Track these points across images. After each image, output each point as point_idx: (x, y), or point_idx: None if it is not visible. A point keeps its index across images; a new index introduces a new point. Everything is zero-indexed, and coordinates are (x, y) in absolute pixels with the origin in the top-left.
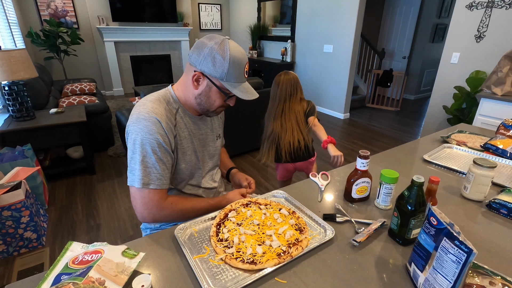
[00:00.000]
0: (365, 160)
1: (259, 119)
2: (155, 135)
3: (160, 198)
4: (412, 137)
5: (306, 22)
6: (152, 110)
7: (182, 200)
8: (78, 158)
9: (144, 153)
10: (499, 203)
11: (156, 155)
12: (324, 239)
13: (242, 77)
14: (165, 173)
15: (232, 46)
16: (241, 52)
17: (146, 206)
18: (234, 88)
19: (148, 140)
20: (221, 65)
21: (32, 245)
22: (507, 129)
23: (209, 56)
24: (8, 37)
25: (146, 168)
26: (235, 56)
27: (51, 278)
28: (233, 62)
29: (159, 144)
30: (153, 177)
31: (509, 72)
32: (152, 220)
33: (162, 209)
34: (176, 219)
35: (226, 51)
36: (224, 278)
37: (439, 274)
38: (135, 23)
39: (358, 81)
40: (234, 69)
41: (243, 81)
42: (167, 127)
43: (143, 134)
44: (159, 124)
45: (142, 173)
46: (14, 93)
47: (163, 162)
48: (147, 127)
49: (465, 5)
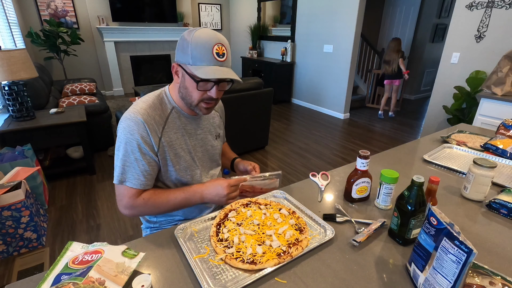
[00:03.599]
0: (365, 160)
1: (259, 119)
2: (136, 136)
3: (133, 196)
4: (412, 137)
5: (306, 22)
6: (139, 111)
7: (156, 195)
8: (78, 158)
9: (124, 152)
10: (499, 203)
11: (134, 155)
12: (324, 239)
13: (211, 59)
14: (143, 173)
15: (201, 30)
16: (209, 34)
17: (121, 202)
18: (198, 69)
19: (129, 140)
20: (186, 48)
21: (32, 245)
22: (507, 129)
23: (179, 45)
24: (8, 37)
25: (125, 166)
26: (199, 37)
27: (51, 278)
28: (196, 43)
29: (138, 145)
30: (130, 176)
31: (509, 72)
32: (129, 214)
33: (135, 205)
34: (153, 213)
35: (191, 35)
36: (224, 278)
37: (439, 274)
38: (135, 23)
39: (358, 81)
40: (198, 50)
41: (215, 64)
42: (152, 128)
43: (126, 134)
44: (142, 125)
45: (121, 170)
46: (14, 93)
47: (142, 163)
48: (130, 127)
49: (465, 5)
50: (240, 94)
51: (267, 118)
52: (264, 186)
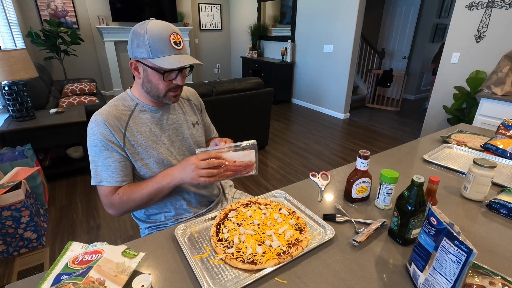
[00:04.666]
0: (365, 160)
1: (259, 119)
2: (98, 136)
3: (109, 193)
4: (412, 137)
5: (306, 22)
6: (99, 113)
7: (130, 189)
8: (78, 158)
9: (93, 153)
10: (499, 203)
11: (102, 153)
12: (324, 239)
13: (169, 49)
14: (115, 170)
15: (152, 23)
16: (162, 25)
17: (103, 202)
18: (161, 60)
19: (94, 141)
20: (142, 44)
21: (32, 245)
22: (507, 129)
23: (133, 40)
24: (8, 37)
25: (97, 167)
26: (153, 30)
27: (51, 278)
28: (151, 36)
29: (103, 143)
30: (104, 175)
31: (509, 72)
32: (115, 214)
33: (112, 203)
34: (134, 208)
35: (144, 29)
36: (224, 278)
37: (439, 274)
38: (135, 23)
39: (358, 81)
40: (156, 42)
41: (174, 53)
42: (113, 126)
43: (90, 136)
44: (102, 124)
45: (94, 172)
46: (14, 93)
47: (112, 160)
48: (92, 129)
49: (465, 5)
50: (240, 94)
51: (267, 118)
52: (239, 159)
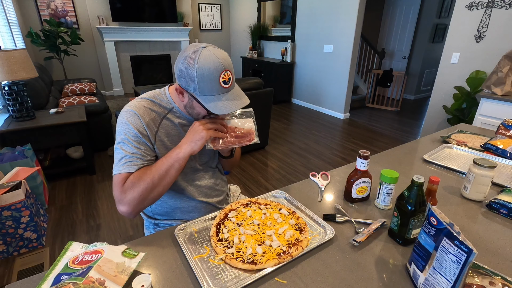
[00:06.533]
0: (365, 160)
1: (259, 119)
2: (129, 126)
3: (122, 180)
4: (412, 137)
5: (306, 22)
6: (134, 105)
7: (141, 171)
8: (78, 158)
9: (123, 143)
10: (499, 203)
11: (131, 144)
12: (324, 239)
13: (218, 89)
14: (138, 160)
15: (203, 57)
16: (213, 62)
17: (116, 196)
18: (209, 102)
19: (125, 130)
20: (191, 80)
21: (32, 245)
22: (507, 129)
23: (182, 69)
24: (8, 37)
25: (125, 156)
26: (203, 69)
27: (51, 278)
28: (201, 75)
29: (135, 135)
30: (129, 163)
31: (509, 72)
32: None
33: (124, 190)
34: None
35: (195, 62)
36: (224, 278)
37: (439, 274)
38: (135, 23)
39: (358, 81)
40: (204, 82)
41: (223, 92)
42: (146, 121)
43: (122, 125)
44: (136, 117)
45: (121, 162)
46: (14, 93)
47: (141, 152)
48: (126, 118)
49: (465, 5)
50: None
51: (267, 118)
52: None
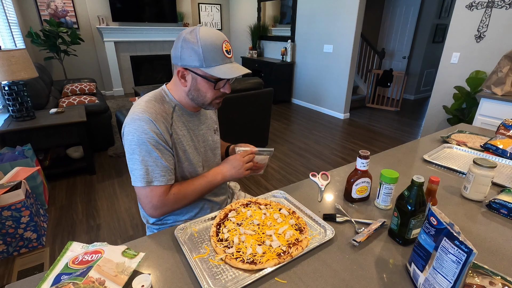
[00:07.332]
0: (365, 160)
1: (259, 119)
2: (150, 134)
3: (163, 193)
4: (412, 137)
5: (306, 22)
6: (146, 110)
7: (183, 187)
8: (78, 158)
9: (143, 153)
10: (499, 203)
11: (155, 153)
12: (324, 239)
13: (222, 58)
14: (167, 169)
15: (203, 31)
16: (214, 34)
17: (151, 204)
18: (216, 70)
19: (144, 140)
20: (195, 52)
21: (32, 245)
22: (507, 129)
23: (183, 49)
24: (8, 37)
25: (147, 166)
26: (206, 39)
27: (51, 278)
28: (205, 45)
29: (155, 142)
30: (156, 175)
31: (509, 72)
32: (160, 214)
33: (166, 203)
34: (181, 207)
35: (197, 37)
36: (224, 278)
37: (439, 274)
38: (135, 23)
39: (358, 81)
40: (209, 52)
41: (226, 62)
42: (162, 126)
43: (139, 134)
44: (152, 123)
45: (144, 172)
46: (14, 93)
47: (164, 159)
48: (141, 126)
49: (465, 5)
50: (240, 94)
51: (267, 118)
52: (260, 162)
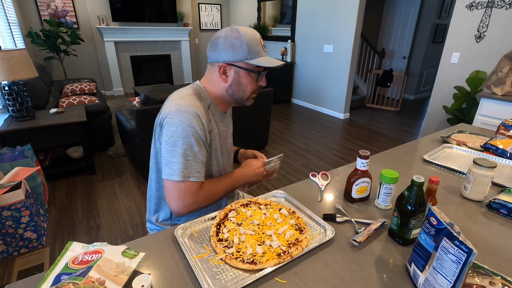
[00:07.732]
0: (365, 160)
1: (259, 119)
2: (196, 128)
3: (197, 190)
4: (412, 137)
5: (306, 22)
6: (192, 103)
7: (213, 185)
8: (78, 158)
9: (185, 146)
10: (499, 203)
11: (196, 148)
12: (324, 239)
13: (262, 51)
14: (203, 165)
15: (241, 27)
16: (251, 29)
17: (183, 199)
18: (260, 61)
19: (189, 133)
20: (240, 46)
21: (32, 245)
22: (507, 129)
23: (226, 45)
24: (8, 37)
25: (187, 160)
26: (247, 33)
27: (51, 278)
28: (249, 39)
29: (199, 137)
30: (193, 170)
31: (509, 72)
32: (188, 212)
33: (197, 200)
34: (208, 205)
35: (239, 32)
36: (224, 278)
37: (439, 274)
38: (135, 23)
39: (358, 81)
40: (253, 45)
41: (264, 54)
42: (205, 122)
43: (185, 127)
44: (198, 118)
45: (183, 166)
46: (14, 93)
47: (202, 155)
48: (188, 119)
49: (465, 5)
50: None
51: (267, 118)
52: (269, 169)
